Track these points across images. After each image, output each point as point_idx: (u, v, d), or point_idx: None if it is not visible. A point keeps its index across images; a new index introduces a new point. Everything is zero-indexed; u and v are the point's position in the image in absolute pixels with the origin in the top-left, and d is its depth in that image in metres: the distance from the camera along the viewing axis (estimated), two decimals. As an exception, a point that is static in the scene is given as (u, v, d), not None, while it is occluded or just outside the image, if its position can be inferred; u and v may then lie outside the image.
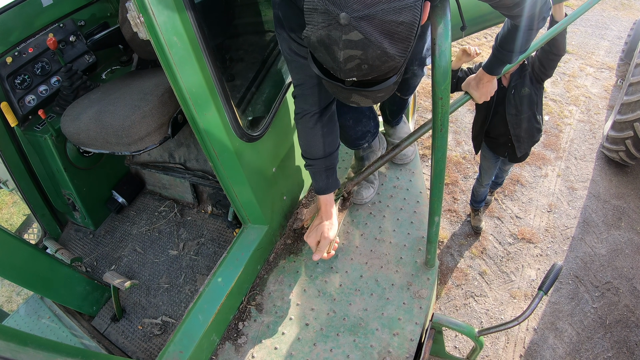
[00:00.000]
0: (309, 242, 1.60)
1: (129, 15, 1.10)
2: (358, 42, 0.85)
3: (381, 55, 0.87)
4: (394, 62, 0.90)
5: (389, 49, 0.87)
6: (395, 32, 0.86)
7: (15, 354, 0.80)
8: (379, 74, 0.94)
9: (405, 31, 0.87)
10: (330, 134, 1.54)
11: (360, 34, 0.84)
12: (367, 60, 0.88)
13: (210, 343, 1.54)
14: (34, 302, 2.26)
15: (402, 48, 0.89)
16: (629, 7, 7.46)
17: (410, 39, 0.90)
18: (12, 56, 2.12)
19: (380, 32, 0.85)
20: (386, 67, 0.91)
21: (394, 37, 0.86)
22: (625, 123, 3.62)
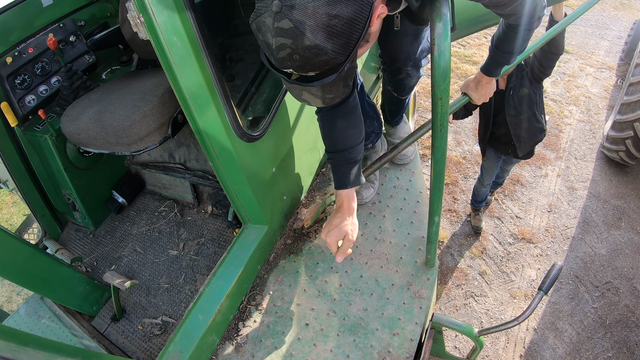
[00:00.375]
0: (328, 241, 1.44)
1: (129, 15, 1.10)
2: (288, 31, 0.84)
3: (311, 47, 0.85)
4: (328, 57, 0.88)
5: (321, 42, 0.85)
6: (329, 25, 0.84)
7: (15, 354, 0.80)
8: (316, 69, 0.92)
9: (341, 26, 0.85)
10: (352, 128, 1.48)
11: (290, 22, 0.83)
12: (298, 51, 0.87)
13: (210, 343, 1.54)
14: (34, 302, 2.26)
15: (339, 44, 0.87)
16: (629, 7, 7.46)
17: (349, 36, 0.87)
18: (12, 56, 2.12)
19: (312, 23, 0.83)
20: (321, 62, 0.89)
21: (328, 30, 0.84)
22: (625, 123, 3.62)
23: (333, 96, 1.04)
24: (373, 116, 1.92)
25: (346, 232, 1.42)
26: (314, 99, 1.06)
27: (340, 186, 1.50)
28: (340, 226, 1.43)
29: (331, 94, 1.03)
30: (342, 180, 1.49)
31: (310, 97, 1.06)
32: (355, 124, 1.49)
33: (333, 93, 1.03)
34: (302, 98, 1.07)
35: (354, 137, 1.49)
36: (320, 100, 1.06)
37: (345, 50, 0.90)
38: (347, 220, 1.44)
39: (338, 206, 1.50)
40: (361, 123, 1.52)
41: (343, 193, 1.49)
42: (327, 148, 1.54)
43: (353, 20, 0.86)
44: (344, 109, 1.46)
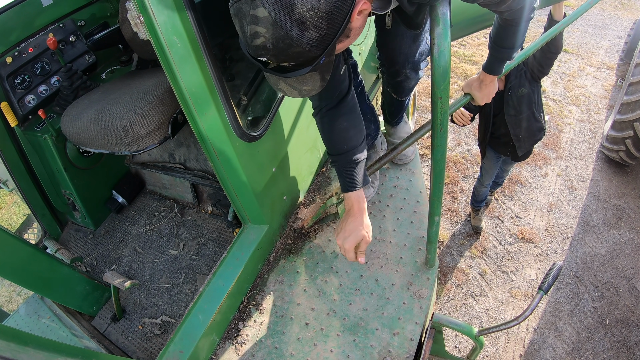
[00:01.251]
0: (346, 247, 1.39)
1: (129, 15, 1.10)
2: (263, 19, 0.83)
3: (284, 37, 0.84)
4: (301, 49, 0.87)
5: (295, 34, 0.84)
6: (304, 17, 0.83)
7: (15, 353, 0.80)
8: (290, 60, 0.91)
9: (317, 19, 0.84)
10: (352, 128, 1.45)
11: (265, 11, 0.82)
12: (272, 40, 0.86)
13: (211, 343, 1.54)
14: (34, 302, 2.26)
15: (314, 37, 0.86)
16: (629, 7, 7.46)
17: (325, 30, 0.86)
18: (12, 56, 2.12)
19: (286, 13, 0.82)
20: (294, 53, 0.88)
21: (302, 22, 0.83)
22: (625, 123, 3.62)
23: (309, 88, 1.03)
24: (371, 118, 1.91)
25: (362, 237, 1.39)
26: (290, 89, 1.05)
27: (348, 188, 1.46)
28: (355, 231, 1.39)
29: (307, 86, 1.02)
30: (350, 182, 1.46)
31: (286, 88, 1.04)
32: (356, 124, 1.47)
33: (309, 85, 1.02)
34: (279, 87, 1.05)
35: (355, 137, 1.46)
36: (297, 92, 1.05)
37: (321, 44, 0.89)
38: (361, 224, 1.41)
39: (348, 209, 1.45)
40: (361, 122, 1.50)
41: (352, 195, 1.45)
42: (330, 151, 1.50)
43: (331, 14, 0.85)
44: (343, 109, 1.44)
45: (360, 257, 1.41)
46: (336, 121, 1.44)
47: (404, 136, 2.17)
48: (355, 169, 1.46)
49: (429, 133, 1.53)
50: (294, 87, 1.03)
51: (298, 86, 1.03)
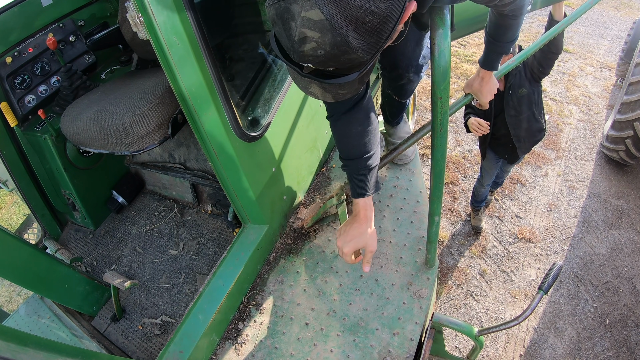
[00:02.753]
0: (345, 251, 1.36)
1: (129, 15, 1.10)
2: (317, 23, 0.75)
3: (341, 43, 0.77)
4: (355, 56, 0.80)
5: (352, 40, 0.77)
6: (363, 21, 0.76)
7: (15, 354, 0.80)
8: (338, 66, 0.84)
9: (376, 23, 0.77)
10: (367, 133, 1.39)
11: (321, 13, 0.74)
12: (324, 46, 0.78)
13: (210, 343, 1.54)
14: (34, 302, 2.26)
15: (369, 42, 0.80)
16: (629, 6, 7.46)
17: (380, 34, 0.80)
18: (11, 56, 2.12)
19: (345, 17, 0.74)
20: (346, 60, 0.81)
21: (361, 27, 0.76)
22: (625, 122, 3.62)
23: (345, 92, 0.97)
24: None
25: (365, 244, 1.36)
26: (324, 93, 0.97)
27: (358, 194, 1.41)
28: (357, 237, 1.36)
29: (344, 90, 0.95)
30: (360, 188, 1.40)
31: (319, 92, 0.97)
32: (371, 129, 1.40)
33: (346, 89, 0.96)
34: (310, 91, 0.98)
35: (370, 143, 1.40)
36: (331, 96, 0.97)
37: (373, 48, 0.82)
38: (365, 231, 1.37)
39: (355, 214, 1.41)
40: (377, 127, 1.45)
41: (360, 202, 1.40)
42: (343, 155, 1.45)
43: (388, 17, 0.78)
44: (359, 113, 1.39)
45: (365, 265, 1.38)
46: (351, 125, 1.39)
47: (404, 136, 2.17)
48: (368, 175, 1.42)
49: (429, 133, 1.53)
50: (328, 91, 0.96)
51: (333, 90, 0.95)
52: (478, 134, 2.82)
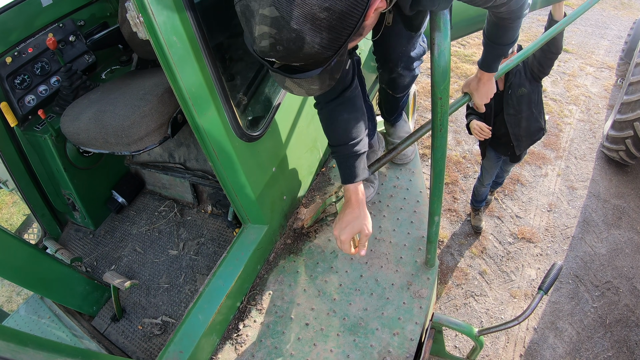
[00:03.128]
0: (343, 239, 1.38)
1: (128, 15, 1.09)
2: (273, 20, 0.78)
3: (296, 39, 0.79)
4: (313, 52, 0.82)
5: (307, 36, 0.79)
6: (318, 17, 0.77)
7: (15, 354, 0.80)
8: (299, 61, 0.87)
9: (331, 20, 0.79)
10: (354, 120, 1.43)
11: (277, 10, 0.77)
12: (282, 42, 0.81)
13: (211, 343, 1.54)
14: (34, 302, 2.26)
15: (327, 39, 0.81)
16: (629, 6, 7.47)
17: (339, 31, 0.82)
18: (11, 56, 2.12)
19: (299, 14, 0.76)
20: (305, 55, 0.83)
21: (316, 23, 0.78)
22: (625, 122, 3.62)
23: (317, 88, 1.00)
24: (369, 117, 1.91)
25: (361, 228, 1.38)
26: (297, 88, 1.01)
27: (348, 180, 1.43)
28: (353, 222, 1.38)
29: (315, 85, 0.98)
30: (349, 173, 1.43)
31: (293, 86, 1.01)
32: (357, 116, 1.44)
33: (317, 85, 0.98)
34: (285, 85, 1.02)
35: (356, 129, 1.43)
36: (304, 91, 1.01)
37: (333, 45, 0.85)
38: (358, 215, 1.39)
39: (347, 201, 1.43)
40: (363, 115, 1.48)
41: (351, 187, 1.43)
42: (330, 142, 1.49)
43: (345, 14, 0.80)
44: (345, 101, 1.42)
45: (361, 249, 1.40)
46: (337, 112, 1.42)
47: (403, 136, 2.17)
48: (356, 161, 1.44)
49: (429, 133, 1.52)
50: (301, 86, 1.00)
51: (306, 85, 0.99)
52: (480, 138, 2.84)
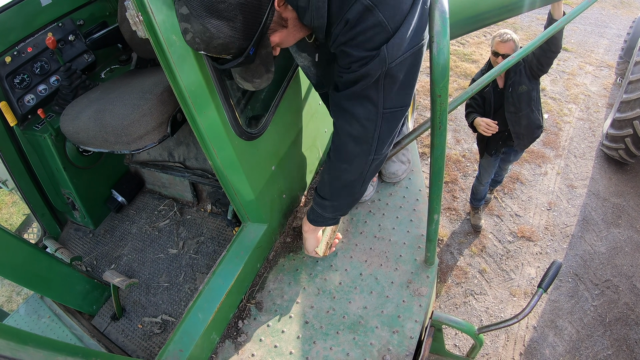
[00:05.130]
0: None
1: (128, 14, 1.09)
2: (186, 16, 0.91)
3: (204, 31, 0.90)
4: (223, 41, 0.92)
5: (211, 27, 0.89)
6: (217, 9, 0.87)
7: (15, 352, 0.80)
8: (221, 52, 0.96)
9: (230, 11, 0.88)
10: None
11: (187, 8, 0.89)
12: (196, 35, 0.92)
13: (210, 341, 1.55)
14: (34, 301, 2.26)
15: (232, 28, 0.91)
16: (628, 5, 7.47)
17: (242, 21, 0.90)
18: (11, 55, 2.12)
19: (202, 8, 0.88)
20: (220, 45, 0.93)
21: (217, 14, 0.88)
22: (624, 121, 3.62)
23: (260, 81, 1.09)
24: None
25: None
26: (244, 82, 1.10)
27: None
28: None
29: (257, 79, 1.08)
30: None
31: (241, 80, 1.10)
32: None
33: (258, 77, 1.07)
34: (237, 80, 1.12)
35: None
36: (250, 84, 1.10)
37: (243, 34, 0.93)
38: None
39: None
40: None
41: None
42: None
43: (243, 5, 0.89)
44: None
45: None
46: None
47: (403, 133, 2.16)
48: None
49: (428, 131, 1.52)
50: (246, 79, 1.09)
51: (249, 78, 1.08)
52: (487, 134, 2.83)
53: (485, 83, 1.60)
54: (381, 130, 1.14)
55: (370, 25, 0.96)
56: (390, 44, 0.99)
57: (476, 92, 1.64)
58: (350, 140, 1.17)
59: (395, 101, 1.11)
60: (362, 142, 1.17)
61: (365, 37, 0.98)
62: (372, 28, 0.97)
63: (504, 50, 2.64)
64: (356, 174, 1.24)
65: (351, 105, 1.12)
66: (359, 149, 1.18)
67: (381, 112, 1.11)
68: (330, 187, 1.34)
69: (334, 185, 1.33)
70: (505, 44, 2.64)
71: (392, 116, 1.13)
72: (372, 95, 1.09)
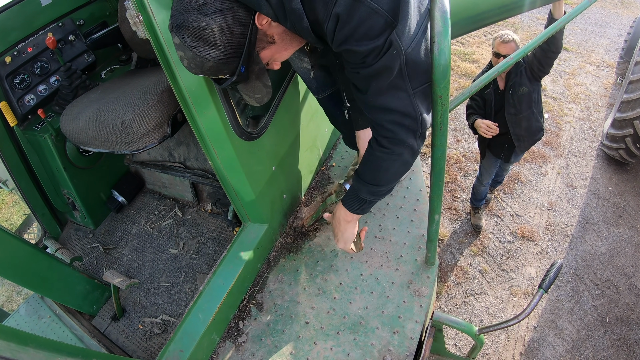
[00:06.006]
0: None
1: (128, 14, 1.09)
2: (179, 45, 0.98)
3: (194, 57, 0.98)
4: (213, 64, 0.99)
5: (200, 52, 0.97)
6: (202, 36, 0.95)
7: (15, 353, 0.80)
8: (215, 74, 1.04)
9: (212, 35, 0.95)
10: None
11: (178, 38, 0.97)
12: (190, 61, 1.00)
13: (211, 342, 1.54)
14: (34, 301, 2.26)
15: (219, 51, 0.98)
16: (628, 5, 7.46)
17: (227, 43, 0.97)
18: (11, 56, 2.12)
19: (192, 37, 0.96)
20: (212, 68, 1.01)
21: (202, 41, 0.96)
22: (625, 121, 3.62)
23: (260, 96, 1.17)
24: None
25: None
26: (248, 98, 1.19)
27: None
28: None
29: (257, 94, 1.17)
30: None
31: (245, 97, 1.20)
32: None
33: (258, 93, 1.16)
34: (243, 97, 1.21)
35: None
36: (253, 100, 1.18)
37: (228, 56, 0.99)
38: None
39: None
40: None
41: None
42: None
43: (225, 29, 0.96)
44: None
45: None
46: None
47: None
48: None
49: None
50: (249, 95, 1.18)
51: (251, 94, 1.17)
52: (487, 136, 2.82)
53: (485, 83, 1.59)
54: (419, 108, 1.15)
55: (364, 16, 0.95)
56: (400, 31, 0.98)
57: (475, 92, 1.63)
58: (396, 127, 1.18)
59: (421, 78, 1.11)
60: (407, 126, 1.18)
61: (365, 28, 0.97)
62: (367, 17, 0.96)
63: (506, 51, 2.63)
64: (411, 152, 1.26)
65: (384, 101, 1.12)
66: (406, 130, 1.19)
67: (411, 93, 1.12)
68: (388, 172, 1.31)
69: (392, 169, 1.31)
70: (507, 45, 2.64)
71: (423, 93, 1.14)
72: (399, 84, 1.09)
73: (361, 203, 1.42)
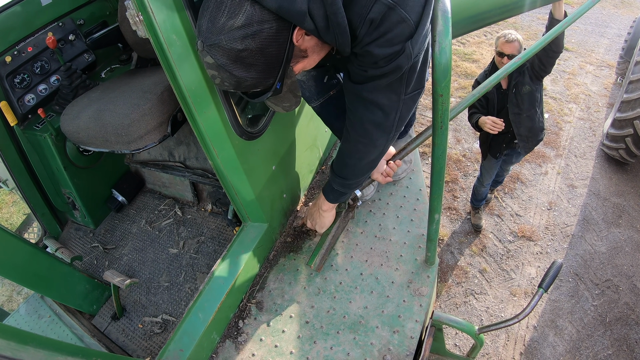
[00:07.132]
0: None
1: (128, 13, 1.09)
2: (212, 65, 0.98)
3: (231, 77, 0.98)
4: (250, 83, 1.00)
5: (237, 72, 0.97)
6: (239, 57, 0.95)
7: (15, 352, 0.80)
8: (249, 90, 1.05)
9: (251, 57, 0.95)
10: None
11: (211, 58, 0.96)
12: (225, 80, 1.00)
13: (211, 341, 1.54)
14: (34, 301, 2.26)
15: (257, 71, 0.98)
16: (628, 5, 7.46)
17: (264, 63, 0.97)
18: (11, 55, 2.12)
19: (227, 58, 0.95)
20: (248, 86, 1.02)
21: (240, 62, 0.95)
22: (625, 121, 3.62)
23: (288, 105, 1.20)
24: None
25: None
26: (275, 107, 1.22)
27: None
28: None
29: (286, 103, 1.19)
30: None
31: (272, 105, 1.22)
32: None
33: (287, 102, 1.19)
34: (268, 104, 1.24)
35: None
36: (280, 108, 1.22)
37: (268, 74, 1.00)
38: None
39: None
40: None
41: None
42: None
43: (263, 49, 0.95)
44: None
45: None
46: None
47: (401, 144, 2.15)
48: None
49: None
50: (276, 104, 1.20)
51: (279, 103, 1.20)
52: (494, 132, 2.82)
53: (491, 85, 1.59)
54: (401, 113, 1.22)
55: (395, 23, 0.98)
56: (414, 40, 1.01)
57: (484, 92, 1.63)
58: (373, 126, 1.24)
59: (415, 85, 1.17)
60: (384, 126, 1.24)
61: (392, 34, 1.00)
62: (397, 25, 0.99)
63: (510, 50, 2.63)
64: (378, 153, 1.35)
65: (375, 97, 1.17)
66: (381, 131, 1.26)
67: (402, 98, 1.18)
68: (355, 168, 1.44)
69: (358, 165, 1.43)
70: (511, 44, 2.64)
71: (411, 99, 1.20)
72: (396, 86, 1.14)
73: (335, 194, 1.58)
